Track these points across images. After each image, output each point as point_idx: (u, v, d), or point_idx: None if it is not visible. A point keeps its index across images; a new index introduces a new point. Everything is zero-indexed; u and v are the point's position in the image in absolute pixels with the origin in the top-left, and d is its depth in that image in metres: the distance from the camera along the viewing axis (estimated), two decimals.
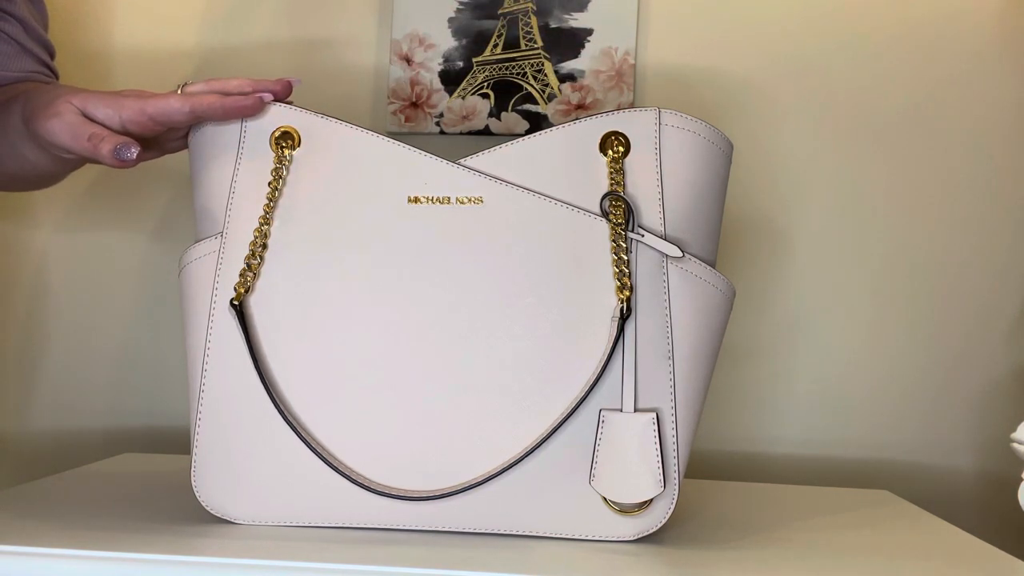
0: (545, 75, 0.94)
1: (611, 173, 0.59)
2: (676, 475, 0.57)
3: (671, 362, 0.58)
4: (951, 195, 0.93)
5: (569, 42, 0.94)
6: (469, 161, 0.61)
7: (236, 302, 0.59)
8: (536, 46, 0.94)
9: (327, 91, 0.97)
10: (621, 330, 0.57)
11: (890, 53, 0.93)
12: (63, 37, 0.97)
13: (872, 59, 0.93)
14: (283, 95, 0.63)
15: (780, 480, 0.92)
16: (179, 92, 0.62)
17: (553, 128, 0.61)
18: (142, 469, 0.79)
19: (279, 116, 0.62)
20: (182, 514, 0.61)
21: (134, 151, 0.58)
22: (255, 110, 0.61)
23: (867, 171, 0.93)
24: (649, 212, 0.59)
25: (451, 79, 0.95)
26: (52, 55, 0.78)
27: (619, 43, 0.93)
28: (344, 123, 0.62)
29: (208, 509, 0.59)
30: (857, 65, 0.93)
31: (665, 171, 0.60)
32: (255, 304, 0.60)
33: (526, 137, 0.61)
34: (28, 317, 1.00)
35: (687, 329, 0.58)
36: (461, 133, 0.95)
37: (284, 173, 0.61)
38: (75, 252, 1.00)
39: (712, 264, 0.60)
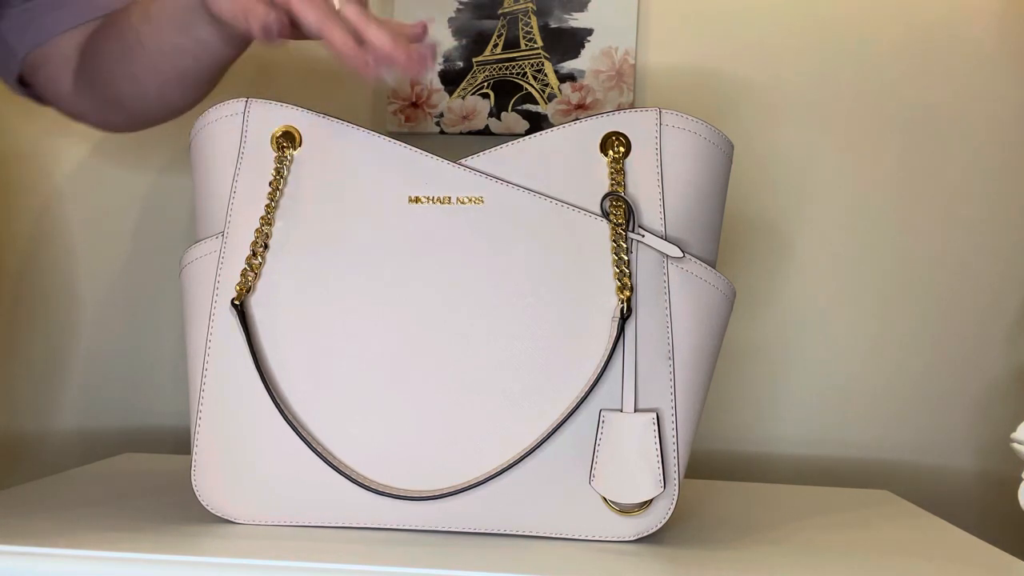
0: (545, 75, 0.94)
1: (612, 173, 0.59)
2: (676, 475, 0.57)
3: (671, 362, 0.58)
4: (952, 196, 0.93)
5: (569, 42, 0.94)
6: (469, 161, 0.61)
7: (237, 302, 0.59)
8: (536, 46, 0.94)
9: (328, 91, 0.97)
10: (621, 330, 0.57)
11: (891, 54, 0.93)
12: None
13: (873, 58, 0.93)
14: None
15: (780, 480, 0.92)
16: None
17: (554, 128, 0.61)
18: (142, 469, 0.79)
19: (280, 116, 0.62)
20: (182, 514, 0.61)
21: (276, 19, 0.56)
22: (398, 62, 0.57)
23: (867, 171, 0.93)
24: (649, 212, 0.59)
25: (451, 79, 0.95)
26: None
27: (619, 43, 0.93)
28: (345, 123, 0.62)
29: (208, 509, 0.59)
30: (858, 65, 0.93)
31: (666, 171, 0.59)
32: (256, 304, 0.60)
33: (526, 137, 0.61)
34: (16, 316, 1.00)
35: (687, 329, 0.58)
36: (461, 133, 0.95)
37: (285, 173, 0.61)
38: (66, 248, 1.00)
39: (712, 264, 0.60)
